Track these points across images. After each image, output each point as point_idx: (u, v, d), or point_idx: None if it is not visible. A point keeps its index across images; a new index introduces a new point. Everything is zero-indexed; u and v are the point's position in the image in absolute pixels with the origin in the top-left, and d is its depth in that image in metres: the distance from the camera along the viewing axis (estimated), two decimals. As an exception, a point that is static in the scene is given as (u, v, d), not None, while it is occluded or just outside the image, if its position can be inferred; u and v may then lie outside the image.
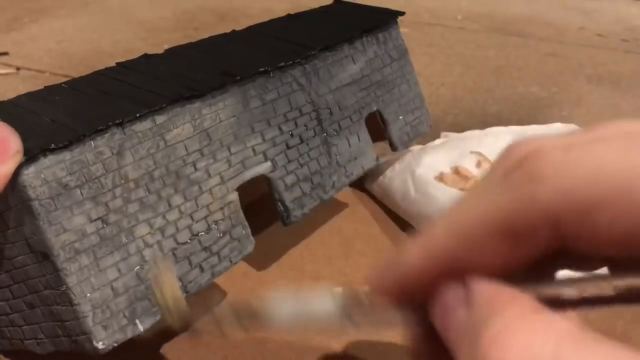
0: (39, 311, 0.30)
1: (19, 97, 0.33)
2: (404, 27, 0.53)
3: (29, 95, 0.33)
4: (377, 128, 0.49)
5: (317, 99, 0.42)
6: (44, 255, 0.28)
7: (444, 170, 0.50)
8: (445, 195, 0.47)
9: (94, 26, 1.13)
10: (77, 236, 0.29)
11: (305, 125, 0.41)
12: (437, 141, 0.56)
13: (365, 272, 0.22)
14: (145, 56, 0.40)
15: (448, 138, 0.58)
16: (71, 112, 0.31)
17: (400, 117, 0.51)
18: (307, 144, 0.41)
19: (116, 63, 0.38)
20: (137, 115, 0.31)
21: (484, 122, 0.70)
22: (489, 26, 1.11)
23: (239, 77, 0.37)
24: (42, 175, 0.28)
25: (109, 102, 0.33)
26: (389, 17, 0.51)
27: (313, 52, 0.42)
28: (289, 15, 0.50)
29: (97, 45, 0.99)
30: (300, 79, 0.41)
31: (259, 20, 0.48)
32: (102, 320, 0.29)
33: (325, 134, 0.43)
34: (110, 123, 0.30)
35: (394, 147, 0.50)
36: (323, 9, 0.53)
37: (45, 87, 0.34)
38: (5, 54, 0.94)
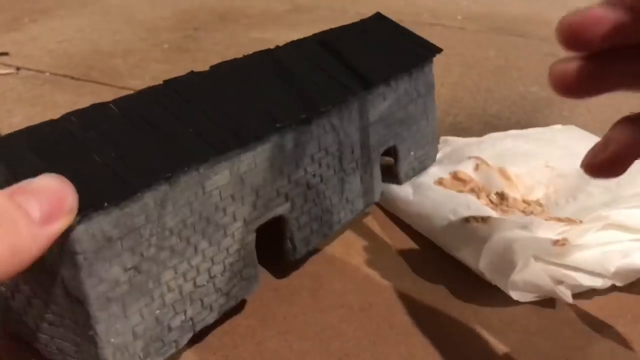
0: (65, 333, 0.31)
1: (68, 117, 0.31)
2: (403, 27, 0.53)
3: (79, 117, 0.31)
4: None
5: (345, 138, 0.42)
6: (78, 301, 0.29)
7: (443, 176, 0.50)
8: (443, 195, 0.47)
9: (93, 26, 1.13)
10: (111, 285, 0.29)
11: (327, 165, 0.41)
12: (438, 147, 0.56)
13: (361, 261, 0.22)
14: (192, 74, 0.37)
15: (447, 144, 0.58)
16: (121, 154, 0.30)
17: (412, 153, 0.51)
18: (325, 184, 0.41)
19: (163, 81, 0.36)
20: (186, 168, 0.31)
21: (484, 122, 0.70)
22: (489, 26, 1.11)
23: (280, 126, 0.37)
24: (91, 231, 0.28)
25: (158, 144, 0.32)
26: (427, 54, 0.50)
27: (353, 93, 0.42)
28: (330, 31, 0.47)
29: (97, 45, 0.99)
30: (334, 120, 0.41)
31: (259, 20, 0.48)
32: None
33: (343, 173, 0.43)
34: (162, 175, 0.30)
35: (398, 181, 0.50)
36: (362, 27, 0.50)
37: (93, 105, 0.32)
38: (6, 54, 0.94)
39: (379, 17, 0.52)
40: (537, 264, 0.39)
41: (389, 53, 0.48)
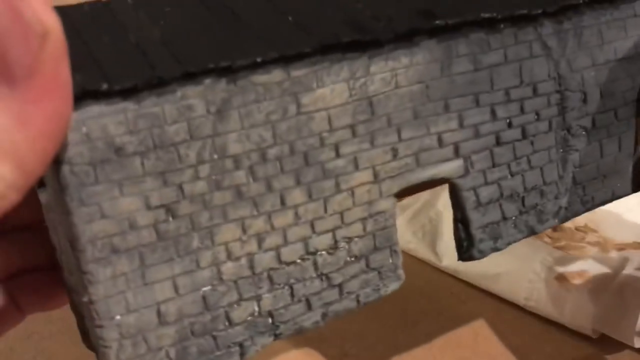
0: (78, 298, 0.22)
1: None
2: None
3: None
4: None
5: (569, 74, 0.27)
6: (70, 245, 0.19)
7: None
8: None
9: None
10: (121, 228, 0.19)
11: (536, 113, 0.26)
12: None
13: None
14: None
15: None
16: (169, 38, 0.21)
17: None
18: (532, 143, 0.27)
19: None
20: (261, 59, 0.20)
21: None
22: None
23: (445, 23, 0.23)
24: (84, 128, 0.18)
25: (231, 32, 0.22)
26: None
27: (582, 1, 0.27)
28: None
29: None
30: (549, 39, 0.26)
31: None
32: (131, 358, 0.20)
33: (566, 132, 0.28)
34: (212, 65, 0.20)
35: None
36: None
37: None
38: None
39: None
40: None
41: None
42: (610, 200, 0.29)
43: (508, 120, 0.26)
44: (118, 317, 0.20)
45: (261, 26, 0.22)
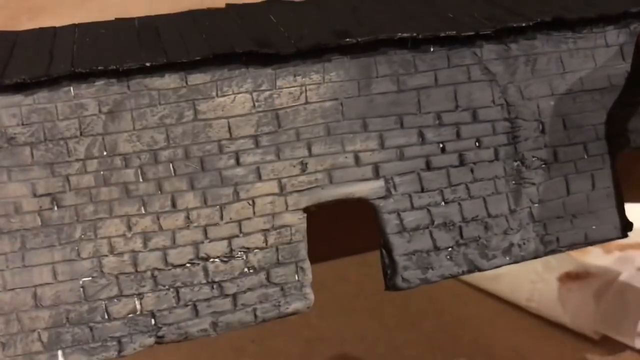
0: None
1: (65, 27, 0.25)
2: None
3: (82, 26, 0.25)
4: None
5: (521, 102, 0.26)
6: None
7: None
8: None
9: (92, 25, 1.13)
10: (6, 210, 0.21)
11: (477, 140, 0.25)
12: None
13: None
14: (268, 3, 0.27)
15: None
16: (76, 47, 0.23)
17: None
18: (472, 171, 0.25)
19: (226, 4, 0.27)
20: (150, 64, 0.22)
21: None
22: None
23: (356, 41, 0.23)
24: None
25: (137, 43, 0.24)
26: None
27: (529, 24, 0.25)
28: None
29: (95, 43, 0.99)
30: (492, 63, 0.25)
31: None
32: (2, 334, 0.21)
33: (519, 162, 0.26)
34: (102, 67, 0.22)
35: None
36: None
37: (116, 19, 0.26)
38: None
39: None
40: None
41: None
42: (584, 244, 0.26)
43: (441, 145, 0.25)
44: None
45: (172, 41, 0.23)
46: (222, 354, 0.38)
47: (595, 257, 0.43)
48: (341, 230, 0.32)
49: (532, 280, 0.42)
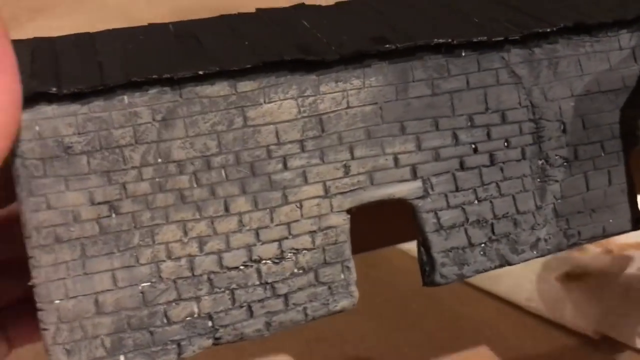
0: None
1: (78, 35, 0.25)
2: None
3: (109, 33, 0.25)
4: None
5: (544, 103, 0.27)
6: (22, 233, 0.21)
7: None
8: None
9: (91, 24, 1.12)
10: (65, 219, 0.21)
11: (506, 140, 0.26)
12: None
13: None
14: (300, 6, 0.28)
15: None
16: (131, 53, 0.23)
17: None
18: (502, 170, 0.26)
19: (256, 9, 0.27)
20: (202, 72, 0.22)
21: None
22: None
23: (395, 47, 0.24)
24: (37, 127, 0.21)
25: (184, 51, 0.24)
26: None
27: (553, 29, 0.26)
28: None
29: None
30: (518, 67, 0.26)
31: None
32: (67, 342, 0.21)
33: (543, 161, 0.27)
34: (156, 76, 0.22)
35: None
36: None
37: (149, 25, 0.26)
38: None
39: None
40: None
41: None
42: (602, 237, 0.28)
43: (473, 146, 0.26)
44: (57, 301, 0.21)
45: (217, 48, 0.24)
46: (222, 353, 0.38)
47: (595, 257, 0.43)
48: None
49: (532, 280, 0.41)
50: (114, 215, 0.22)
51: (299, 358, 0.37)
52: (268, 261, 0.23)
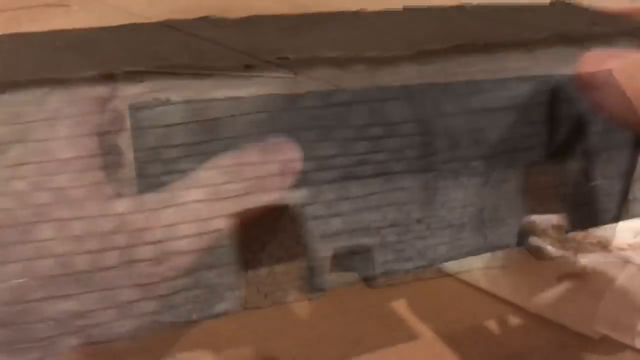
0: None
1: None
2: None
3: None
4: None
5: (434, 119, 0.27)
6: None
7: None
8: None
9: (91, 24, 1.12)
10: None
11: (394, 153, 0.27)
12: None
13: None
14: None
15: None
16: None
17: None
18: (390, 181, 0.27)
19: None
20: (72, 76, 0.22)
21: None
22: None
23: (289, 58, 0.25)
24: None
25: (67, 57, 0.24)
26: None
27: (445, 47, 0.27)
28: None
29: (95, 43, 0.98)
30: (409, 81, 0.27)
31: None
32: None
33: (431, 173, 0.28)
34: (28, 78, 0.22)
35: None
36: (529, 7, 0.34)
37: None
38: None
39: (556, 2, 0.36)
40: None
41: (547, 21, 0.32)
42: (486, 250, 0.29)
43: (360, 157, 0.26)
44: None
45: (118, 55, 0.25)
46: (222, 353, 0.38)
47: (595, 257, 0.43)
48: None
49: (531, 280, 0.42)
50: None
51: (299, 358, 0.37)
52: (146, 262, 0.23)
